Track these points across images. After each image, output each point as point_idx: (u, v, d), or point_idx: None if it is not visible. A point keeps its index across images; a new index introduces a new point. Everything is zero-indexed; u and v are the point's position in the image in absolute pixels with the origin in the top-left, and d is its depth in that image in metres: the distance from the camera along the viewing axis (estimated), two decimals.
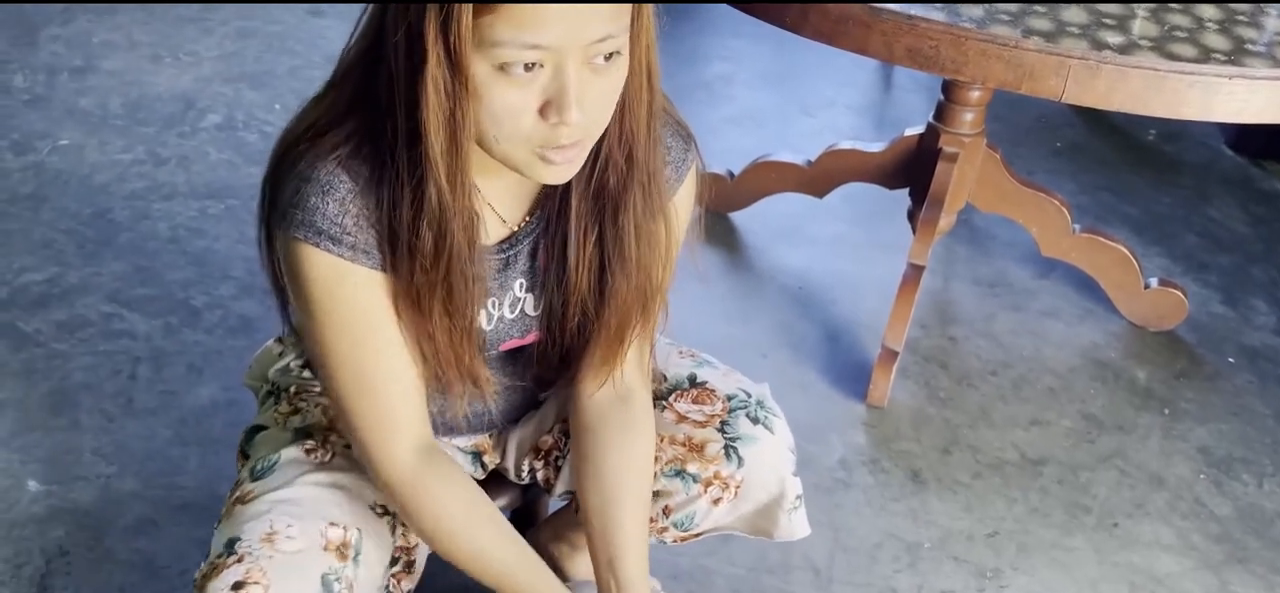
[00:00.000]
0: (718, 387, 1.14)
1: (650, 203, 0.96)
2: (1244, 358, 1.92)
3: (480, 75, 0.81)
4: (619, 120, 0.90)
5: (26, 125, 2.19)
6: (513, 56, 0.80)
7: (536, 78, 0.82)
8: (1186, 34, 1.44)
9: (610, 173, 0.93)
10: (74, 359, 1.68)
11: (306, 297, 0.92)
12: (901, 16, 1.39)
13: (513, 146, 0.85)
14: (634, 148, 0.92)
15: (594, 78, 0.83)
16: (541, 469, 1.20)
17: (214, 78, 2.39)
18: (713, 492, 1.12)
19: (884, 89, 2.64)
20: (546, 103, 0.83)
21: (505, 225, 0.99)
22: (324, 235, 0.89)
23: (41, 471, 1.51)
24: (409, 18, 0.81)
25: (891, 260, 1.89)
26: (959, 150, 1.81)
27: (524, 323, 1.04)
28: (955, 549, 1.54)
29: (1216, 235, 2.22)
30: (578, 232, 0.96)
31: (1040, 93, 1.39)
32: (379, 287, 0.92)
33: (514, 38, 0.79)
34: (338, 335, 0.93)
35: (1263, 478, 1.70)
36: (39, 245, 1.89)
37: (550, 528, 1.34)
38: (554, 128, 0.83)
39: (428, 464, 1.00)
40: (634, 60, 0.87)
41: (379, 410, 0.97)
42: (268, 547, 0.96)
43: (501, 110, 0.83)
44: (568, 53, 0.81)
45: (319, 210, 0.88)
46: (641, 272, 0.98)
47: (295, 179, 0.89)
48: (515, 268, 1.01)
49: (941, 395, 1.79)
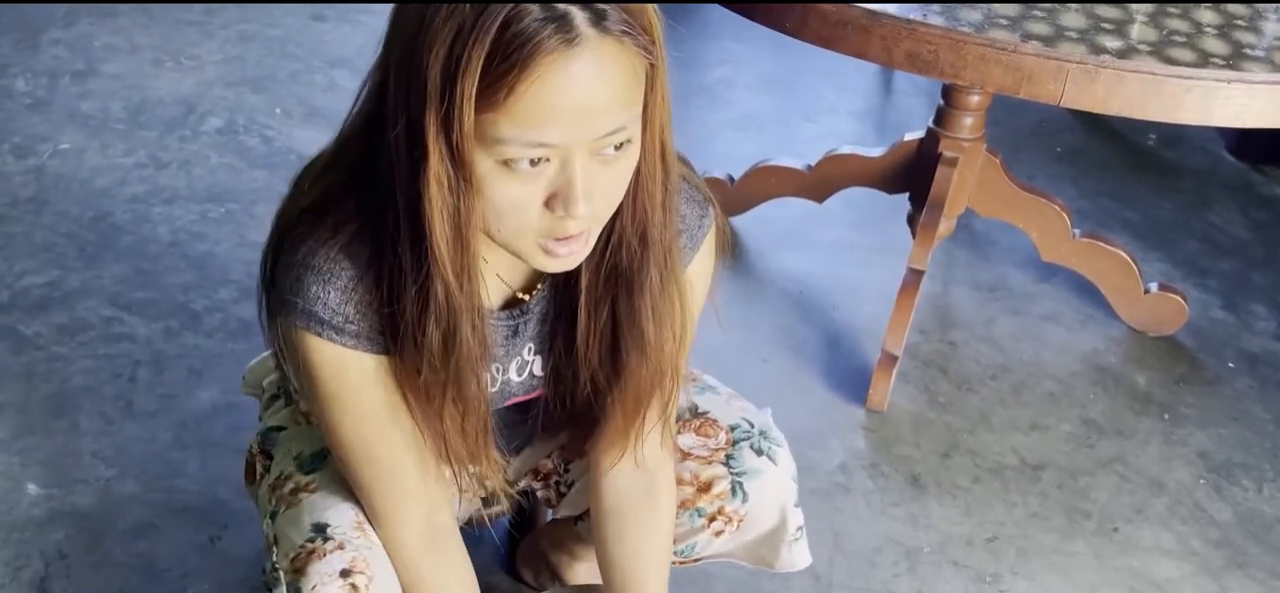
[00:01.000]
0: (720, 416, 1.13)
1: (666, 282, 0.92)
2: (1244, 363, 1.92)
3: (483, 170, 0.78)
4: (631, 201, 0.86)
5: (28, 129, 2.19)
6: (517, 154, 0.77)
7: (542, 172, 0.78)
8: (1185, 39, 1.44)
9: (623, 253, 0.89)
10: (74, 362, 1.68)
11: (311, 381, 0.90)
12: (901, 21, 1.39)
13: (517, 238, 0.82)
14: (648, 228, 0.88)
15: (602, 169, 0.80)
16: (541, 490, 1.20)
17: (215, 82, 2.39)
18: (716, 525, 1.12)
19: (884, 94, 2.64)
20: (552, 195, 0.79)
21: (508, 289, 0.96)
22: (326, 325, 0.86)
23: (41, 473, 1.51)
24: (409, 110, 0.77)
25: (891, 265, 1.89)
26: (959, 155, 1.82)
27: (530, 383, 1.03)
28: (955, 554, 1.54)
29: (1217, 241, 2.22)
30: (587, 308, 0.93)
31: (1039, 97, 1.39)
32: (383, 371, 0.90)
33: (518, 136, 0.76)
34: (342, 417, 0.92)
35: (1263, 483, 1.70)
36: (40, 249, 1.90)
37: (549, 535, 1.34)
38: (560, 220, 0.80)
39: (431, 548, 0.99)
40: (647, 140, 0.83)
41: (387, 487, 0.96)
42: (363, 537, 0.97)
43: (505, 205, 0.79)
44: (575, 149, 0.77)
45: (320, 300, 0.85)
46: (657, 352, 0.95)
47: (296, 267, 0.86)
48: (525, 335, 0.98)
49: (941, 400, 1.79)
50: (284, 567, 0.97)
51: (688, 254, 0.97)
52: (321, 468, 1.03)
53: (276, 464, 1.06)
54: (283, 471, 1.05)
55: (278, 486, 1.03)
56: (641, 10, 0.78)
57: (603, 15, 0.75)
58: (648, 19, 0.78)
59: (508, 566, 1.43)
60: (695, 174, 0.97)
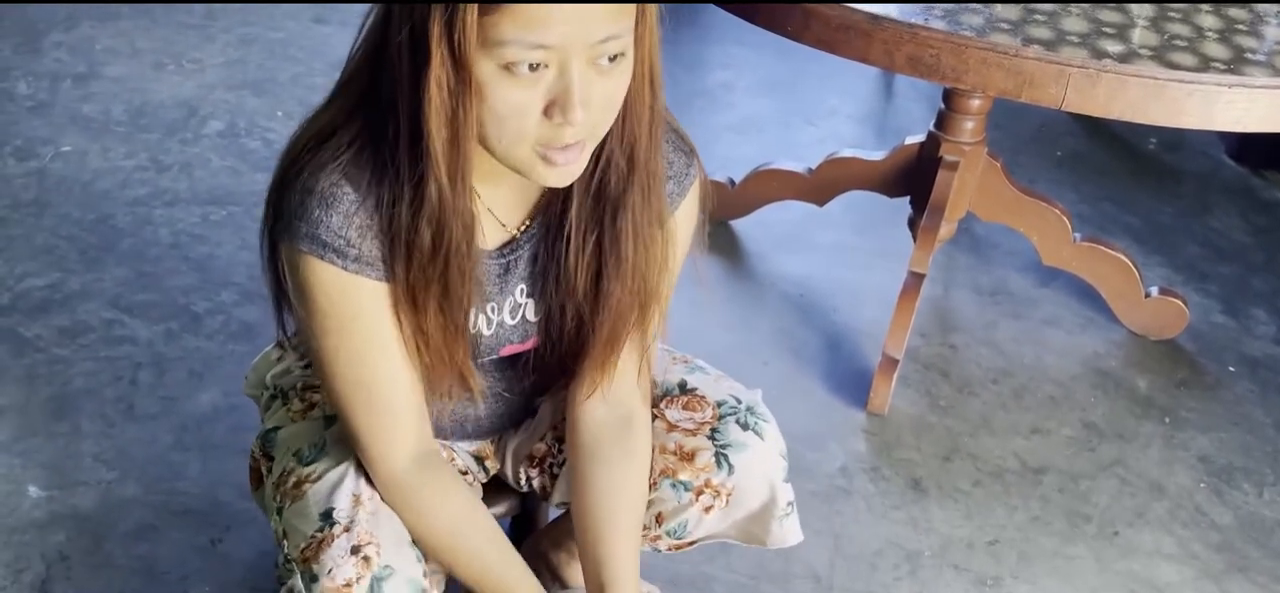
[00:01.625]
0: (708, 393, 1.14)
1: (649, 207, 0.96)
2: (1245, 367, 1.92)
3: (484, 75, 0.82)
4: (621, 122, 0.90)
5: (29, 131, 2.20)
6: (518, 56, 0.80)
7: (541, 78, 0.82)
8: (1186, 43, 1.44)
9: (611, 174, 0.93)
10: (75, 365, 1.68)
11: (310, 306, 0.93)
12: (902, 25, 1.39)
13: (515, 146, 0.85)
14: (635, 150, 0.92)
15: (598, 78, 0.84)
16: (537, 477, 1.20)
17: (217, 85, 2.39)
18: (704, 500, 1.11)
19: (885, 98, 2.64)
20: (551, 103, 0.83)
21: (505, 230, 0.99)
22: (328, 248, 0.89)
23: (42, 476, 1.51)
24: (413, 18, 0.81)
25: (892, 268, 1.89)
26: (960, 159, 1.82)
27: (524, 328, 1.05)
28: (955, 557, 1.54)
29: (1217, 245, 2.22)
30: (577, 233, 0.97)
31: (1040, 101, 1.39)
32: (382, 297, 0.93)
33: (519, 37, 0.80)
34: (339, 343, 0.94)
35: (1263, 487, 1.70)
36: (41, 251, 1.90)
37: (550, 536, 1.34)
38: (558, 128, 0.84)
39: (425, 471, 1.00)
40: (637, 63, 0.87)
41: (379, 416, 0.98)
42: (360, 508, 0.99)
43: (506, 110, 0.83)
44: (572, 52, 0.81)
45: (322, 223, 0.89)
46: (638, 276, 0.98)
47: (299, 191, 0.89)
48: (515, 273, 1.01)
49: (942, 403, 1.79)
50: (296, 558, 0.98)
51: (675, 200, 1.01)
52: (320, 458, 1.04)
53: (277, 463, 1.08)
54: (284, 467, 1.06)
55: (281, 482, 1.05)
56: None
57: None
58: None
59: None
60: (676, 120, 1.00)
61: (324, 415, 1.11)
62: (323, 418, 1.10)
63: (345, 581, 0.95)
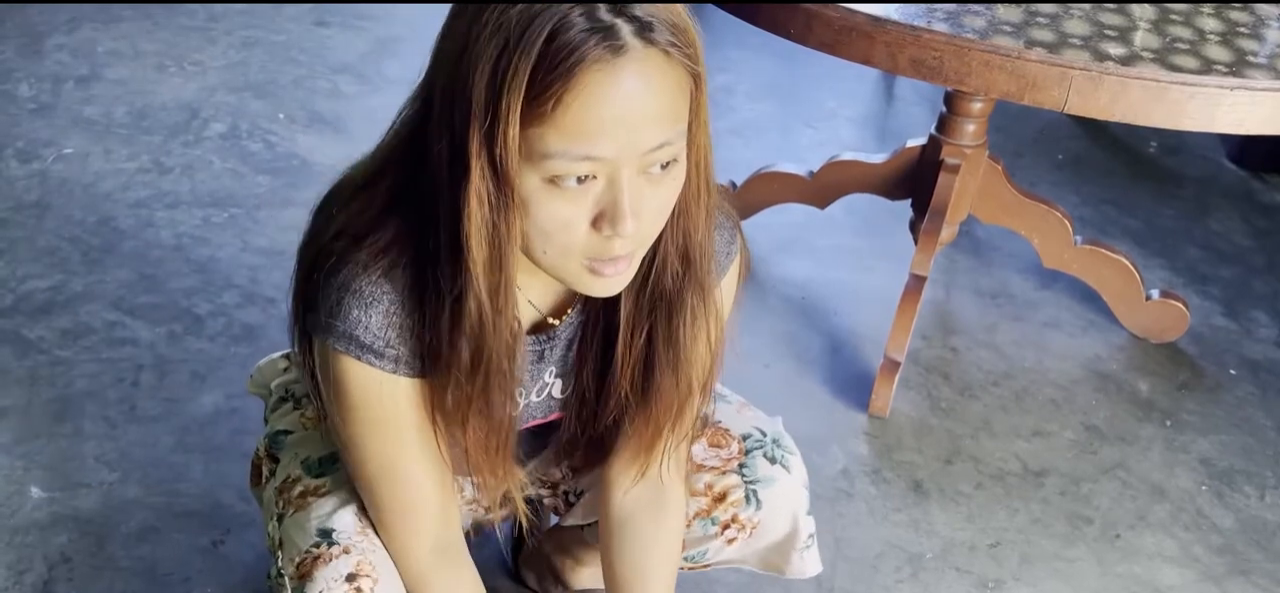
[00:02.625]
0: (732, 426, 1.13)
1: (706, 303, 0.92)
2: (1246, 370, 1.92)
3: (529, 188, 0.77)
4: (675, 223, 0.86)
5: (31, 133, 2.20)
6: (565, 170, 0.76)
7: (588, 189, 0.78)
8: (1188, 46, 1.45)
9: (666, 276, 0.89)
10: (77, 366, 1.68)
11: (343, 402, 0.90)
12: (905, 27, 1.40)
13: (562, 260, 0.81)
14: (690, 250, 0.88)
15: (649, 187, 0.79)
16: (548, 498, 1.20)
17: (219, 87, 2.39)
18: (729, 533, 1.12)
19: (886, 100, 2.65)
20: (599, 215, 0.78)
21: (538, 314, 0.95)
22: (367, 350, 0.86)
23: (44, 477, 1.51)
24: (453, 127, 0.77)
25: (893, 271, 1.90)
26: (961, 162, 1.82)
27: (548, 405, 1.03)
28: (957, 560, 1.54)
29: (1218, 248, 2.23)
30: (626, 329, 0.92)
31: (1042, 103, 1.39)
32: (416, 393, 0.90)
33: (567, 150, 0.75)
34: (370, 437, 0.92)
35: (1265, 490, 1.70)
36: (43, 253, 1.90)
37: (554, 540, 1.34)
38: (607, 241, 0.79)
39: (442, 563, 0.99)
40: (691, 164, 0.83)
41: (404, 507, 0.96)
42: (366, 540, 0.97)
43: (552, 224, 0.79)
44: (623, 164, 0.77)
45: (362, 324, 0.85)
46: (690, 369, 0.95)
47: (336, 290, 0.85)
48: (549, 359, 0.98)
49: (943, 406, 1.79)
50: (289, 572, 0.97)
51: (720, 275, 0.98)
52: (330, 472, 1.03)
53: (283, 467, 1.06)
54: (290, 473, 1.05)
55: (285, 489, 1.04)
56: (685, 24, 0.77)
57: (649, 27, 0.75)
58: (692, 36, 0.78)
59: (511, 571, 1.43)
60: (725, 202, 0.97)
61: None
62: None
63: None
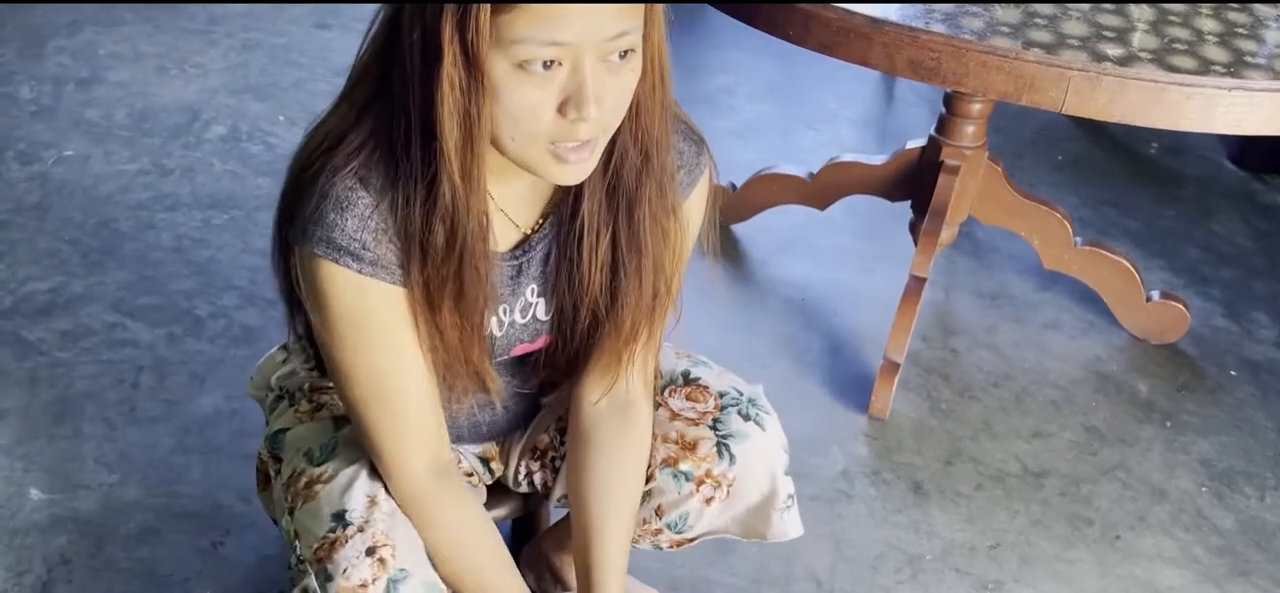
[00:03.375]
0: (711, 384, 1.15)
1: (664, 199, 0.96)
2: (1246, 371, 1.92)
3: (498, 74, 0.82)
4: (633, 117, 0.91)
5: (32, 135, 2.20)
6: (532, 54, 0.81)
7: (554, 76, 0.83)
8: (1186, 46, 1.44)
9: (626, 169, 0.94)
10: (77, 368, 1.68)
11: (326, 312, 0.92)
12: (903, 28, 1.40)
13: (529, 145, 0.86)
14: (648, 144, 0.93)
15: (610, 75, 0.84)
16: (538, 472, 1.20)
17: (219, 89, 2.40)
18: (705, 491, 1.12)
19: (885, 102, 2.65)
20: (565, 100, 0.83)
21: (518, 230, 0.99)
22: (344, 252, 0.89)
23: (44, 479, 1.51)
24: (424, 18, 0.82)
25: (893, 272, 1.90)
26: (960, 163, 1.82)
27: (535, 327, 1.05)
28: (957, 561, 1.54)
29: (1218, 249, 2.22)
30: (591, 231, 0.97)
31: (1041, 104, 1.39)
32: (399, 301, 0.92)
33: (533, 35, 0.80)
34: (356, 349, 0.94)
35: (1265, 491, 1.70)
36: (43, 255, 1.90)
37: (551, 538, 1.34)
38: (572, 125, 0.84)
39: (441, 482, 1.00)
40: (646, 58, 0.88)
41: (396, 424, 0.97)
42: (377, 512, 0.98)
43: (520, 108, 0.83)
44: (585, 49, 0.82)
45: (338, 226, 0.88)
46: (654, 270, 0.99)
47: (314, 195, 0.89)
48: (528, 273, 1.01)
49: (943, 407, 1.79)
50: (309, 558, 0.98)
51: (686, 189, 1.01)
52: (331, 459, 1.04)
53: (287, 463, 1.07)
54: (294, 467, 1.06)
55: (292, 482, 1.04)
56: None
57: None
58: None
59: None
60: (684, 112, 1.01)
61: (333, 416, 1.11)
62: (331, 419, 1.10)
63: (361, 581, 0.95)
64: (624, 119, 0.90)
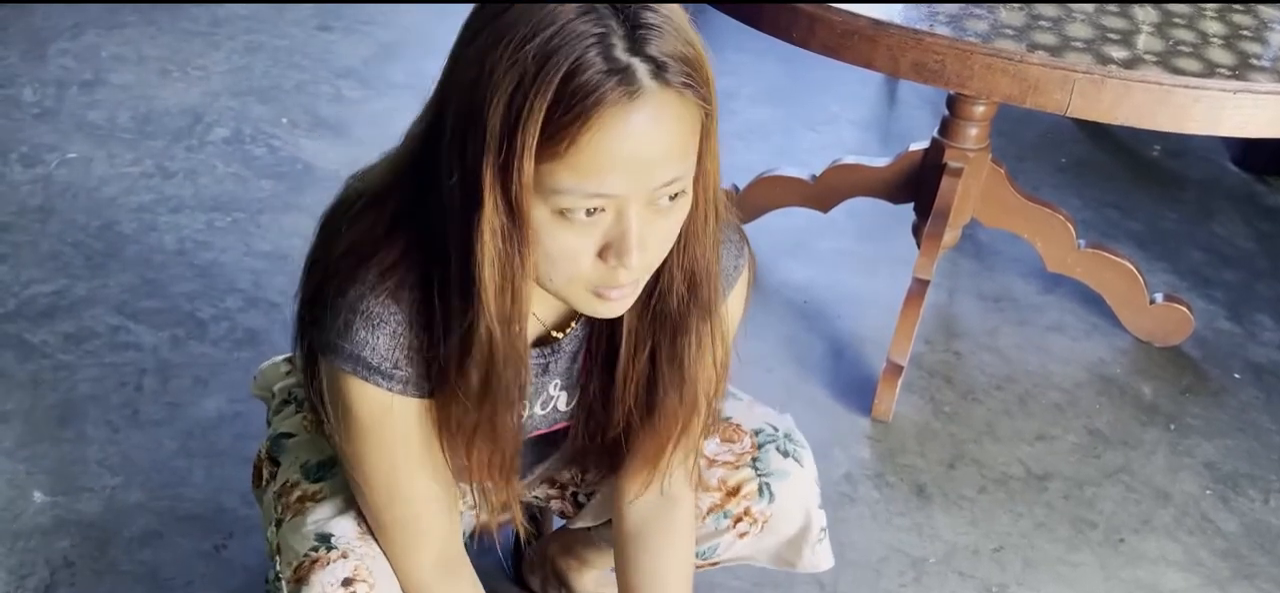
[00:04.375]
0: (743, 422, 1.14)
1: (710, 321, 0.92)
2: (1250, 374, 1.92)
3: (538, 219, 0.78)
4: (681, 248, 0.86)
5: (35, 138, 2.20)
6: (575, 204, 0.77)
7: (597, 222, 0.79)
8: (1191, 49, 1.44)
9: (672, 298, 0.89)
10: (80, 371, 1.68)
11: (348, 422, 0.90)
12: (907, 31, 1.40)
13: (568, 286, 0.82)
14: (696, 274, 0.89)
15: (656, 218, 0.80)
16: (557, 501, 1.20)
17: (222, 92, 2.40)
18: (741, 527, 1.12)
19: (888, 104, 2.65)
20: (606, 246, 0.79)
21: (542, 326, 0.96)
22: (374, 371, 0.86)
23: (47, 481, 1.51)
24: (465, 161, 0.77)
25: (896, 275, 1.89)
26: (964, 165, 1.82)
27: (552, 417, 1.03)
28: (960, 564, 1.53)
29: (1222, 251, 2.22)
30: (628, 349, 0.93)
31: (1045, 106, 1.39)
32: (422, 413, 0.90)
33: (578, 187, 0.76)
34: (375, 456, 0.92)
35: (1269, 494, 1.70)
36: (46, 257, 1.90)
37: (559, 542, 1.34)
38: (613, 270, 0.80)
39: (445, 579, 0.99)
40: (700, 189, 0.83)
41: (407, 522, 0.96)
42: (365, 546, 0.97)
43: (559, 255, 0.80)
44: (632, 199, 0.78)
45: (369, 345, 0.85)
46: (694, 386, 0.95)
47: (344, 311, 0.85)
48: (553, 372, 0.98)
49: (946, 410, 1.79)
50: (287, 576, 0.97)
51: (724, 292, 0.97)
52: (329, 477, 1.03)
53: (283, 471, 1.06)
54: (289, 478, 1.05)
55: (284, 493, 1.04)
56: (700, 62, 0.78)
57: (664, 67, 0.75)
58: (706, 72, 0.79)
59: (513, 575, 1.43)
60: (732, 215, 0.97)
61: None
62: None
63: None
64: (673, 247, 0.85)
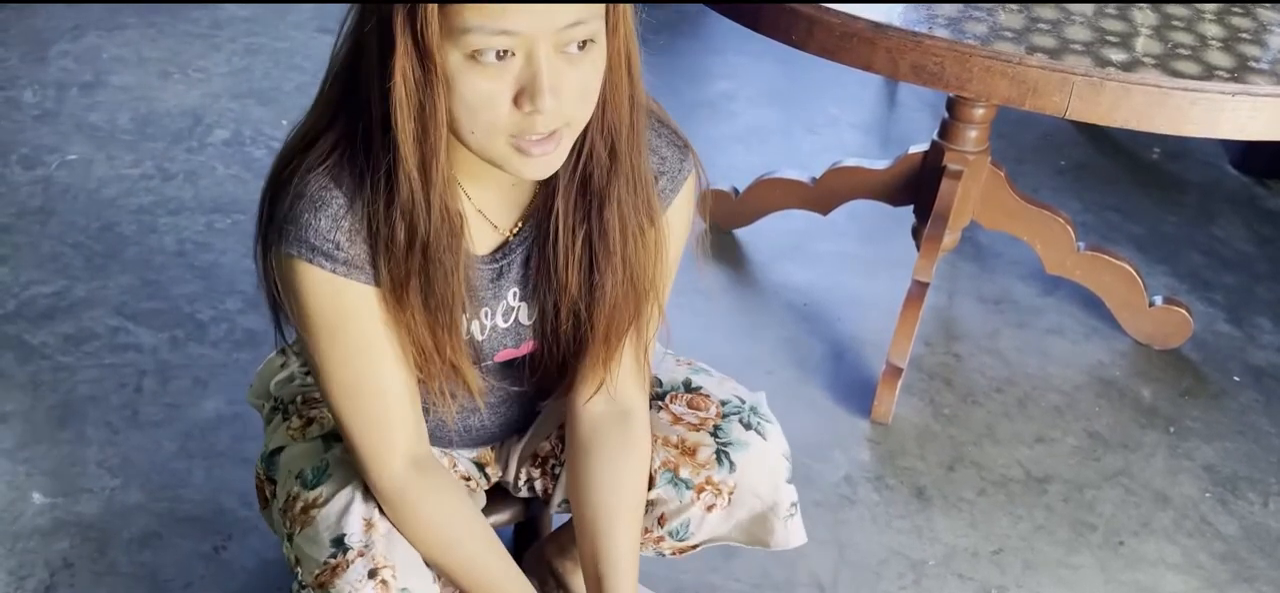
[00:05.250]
0: (713, 392, 1.15)
1: (636, 198, 0.95)
2: (1249, 376, 1.92)
3: (452, 65, 0.82)
4: (600, 112, 0.90)
5: (35, 140, 2.20)
6: (483, 44, 0.81)
7: (509, 66, 0.82)
8: (1190, 51, 1.44)
9: (594, 165, 0.93)
10: (80, 372, 1.68)
11: (302, 311, 0.93)
12: (906, 33, 1.40)
13: (489, 138, 0.85)
14: (616, 140, 0.92)
15: (568, 66, 0.83)
16: (539, 479, 1.20)
17: (222, 94, 2.40)
18: (706, 498, 1.11)
19: (887, 106, 2.65)
20: (520, 91, 0.83)
21: (497, 233, 0.99)
22: (317, 252, 0.89)
23: (46, 483, 1.51)
24: (379, 12, 0.82)
25: (896, 277, 1.89)
26: (963, 168, 1.82)
27: (518, 332, 1.04)
28: (960, 567, 1.53)
29: (1221, 254, 2.22)
30: (565, 229, 0.96)
31: (1044, 109, 1.39)
32: (373, 301, 0.93)
33: (482, 24, 0.80)
34: (331, 347, 0.94)
35: (1269, 497, 1.70)
36: (47, 259, 1.90)
37: (554, 543, 1.34)
38: (529, 116, 0.83)
39: (420, 475, 1.00)
40: (612, 51, 0.87)
41: (373, 420, 0.97)
42: (373, 532, 0.99)
43: (475, 99, 0.83)
44: (538, 39, 0.81)
45: (311, 226, 0.89)
46: (630, 269, 0.98)
47: (289, 195, 0.90)
48: (508, 277, 1.01)
49: (946, 412, 1.79)
50: (311, 584, 0.98)
51: (669, 195, 1.00)
52: (325, 480, 1.04)
53: (281, 487, 1.07)
54: (289, 491, 1.06)
55: (288, 507, 1.05)
56: None
57: None
58: None
59: None
60: (670, 117, 1.00)
61: (323, 435, 1.10)
62: (321, 438, 1.10)
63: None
64: (592, 114, 0.88)
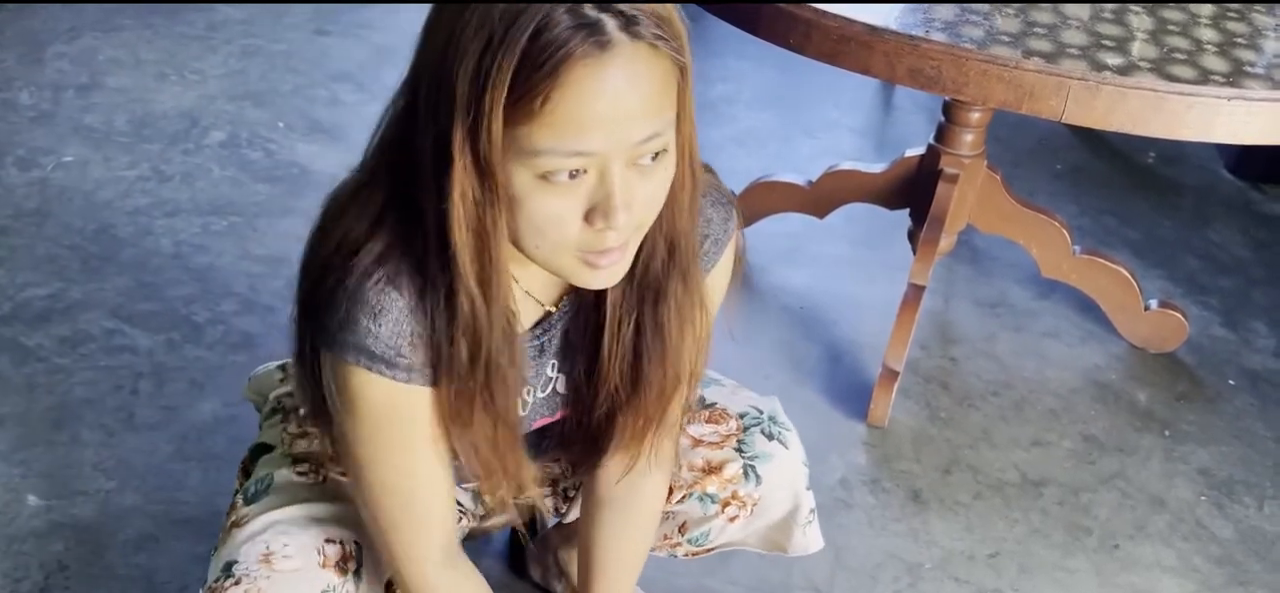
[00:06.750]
0: (729, 406, 1.15)
1: (690, 290, 0.92)
2: (1245, 380, 1.92)
3: (519, 185, 0.77)
4: (662, 212, 0.86)
5: (32, 141, 2.20)
6: (556, 165, 0.76)
7: (581, 184, 0.78)
8: (1186, 56, 1.45)
9: (654, 263, 0.89)
10: (76, 374, 1.68)
11: (355, 416, 0.89)
12: (903, 37, 1.40)
13: (555, 254, 0.81)
14: (676, 238, 0.88)
15: (640, 179, 0.79)
16: (550, 498, 1.20)
17: (218, 95, 2.40)
18: (730, 511, 1.12)
19: (885, 110, 2.65)
20: (592, 209, 0.78)
21: (540, 307, 0.95)
22: (379, 360, 0.85)
23: (42, 485, 1.51)
24: (437, 124, 0.77)
25: (892, 281, 1.90)
26: (959, 171, 1.82)
27: (553, 402, 1.02)
28: (956, 570, 1.54)
29: (1217, 258, 2.23)
30: (613, 320, 0.92)
31: (1040, 113, 1.40)
32: (428, 403, 0.89)
33: (556, 147, 0.75)
34: (380, 451, 0.91)
35: (1264, 501, 1.70)
36: (42, 261, 1.90)
37: (560, 533, 1.34)
38: (600, 233, 0.79)
39: (449, 570, 0.99)
40: (678, 151, 0.83)
41: (409, 517, 0.95)
42: (265, 567, 0.96)
43: (545, 220, 0.79)
44: (613, 157, 0.77)
45: (372, 334, 0.84)
46: (677, 356, 0.95)
47: (342, 300, 0.84)
48: (550, 351, 0.98)
49: (942, 416, 1.79)
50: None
51: (712, 257, 0.97)
52: (256, 501, 1.03)
53: (236, 492, 1.07)
54: (234, 501, 1.05)
55: (228, 516, 1.04)
56: (670, 16, 0.78)
57: (634, 20, 0.75)
58: (677, 27, 0.79)
59: (514, 567, 1.43)
60: (717, 177, 0.96)
61: (293, 455, 1.08)
62: (289, 456, 1.08)
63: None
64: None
